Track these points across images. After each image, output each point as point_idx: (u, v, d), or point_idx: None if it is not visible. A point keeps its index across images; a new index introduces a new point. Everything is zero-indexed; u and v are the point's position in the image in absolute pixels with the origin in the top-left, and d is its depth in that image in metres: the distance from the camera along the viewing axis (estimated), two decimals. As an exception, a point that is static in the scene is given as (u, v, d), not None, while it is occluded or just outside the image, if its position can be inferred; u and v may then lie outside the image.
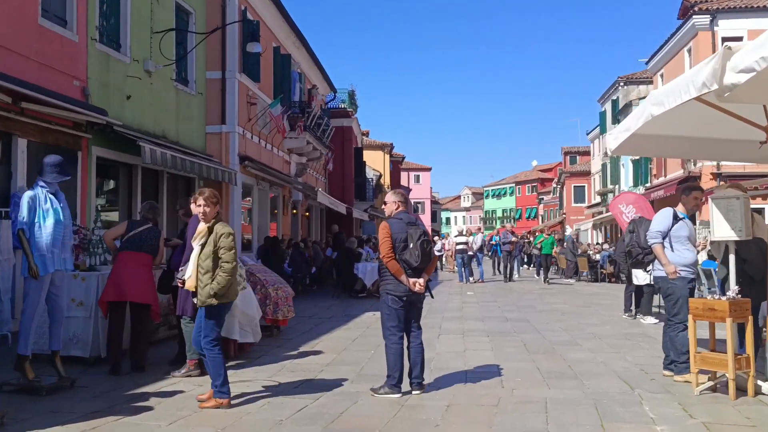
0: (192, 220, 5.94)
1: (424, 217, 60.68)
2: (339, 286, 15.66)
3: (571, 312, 12.16)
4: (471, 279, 20.09)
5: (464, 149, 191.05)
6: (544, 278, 20.82)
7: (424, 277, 5.66)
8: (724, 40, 21.95)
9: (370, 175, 34.65)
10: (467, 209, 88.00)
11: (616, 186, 35.16)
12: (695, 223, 6.57)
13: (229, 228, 5.27)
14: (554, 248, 22.35)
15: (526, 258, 28.70)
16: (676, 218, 6.22)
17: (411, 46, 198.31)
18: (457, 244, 20.42)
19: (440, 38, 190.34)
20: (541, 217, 63.98)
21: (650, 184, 29.08)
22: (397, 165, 47.30)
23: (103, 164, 10.66)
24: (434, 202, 77.83)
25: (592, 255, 22.82)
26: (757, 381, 5.47)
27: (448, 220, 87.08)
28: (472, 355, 7.52)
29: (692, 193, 6.26)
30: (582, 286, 19.30)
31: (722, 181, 20.68)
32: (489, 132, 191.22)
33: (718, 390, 5.58)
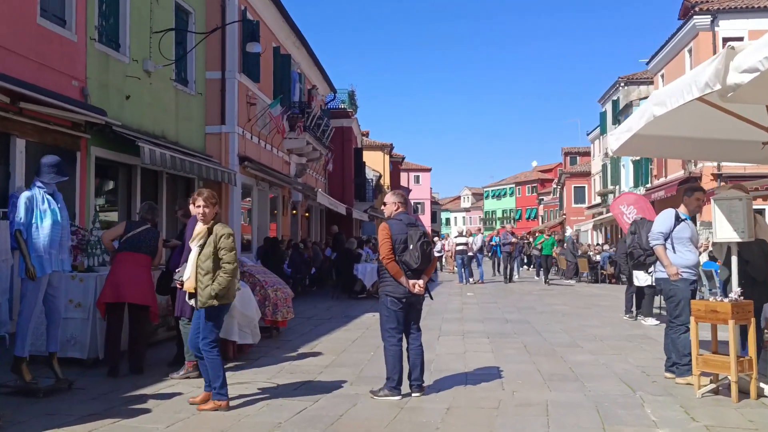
0: (190, 221, 5.90)
1: (423, 218, 60.64)
2: (338, 287, 15.62)
3: (571, 313, 12.12)
4: (471, 280, 20.05)
5: (464, 149, 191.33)
6: (545, 279, 20.78)
7: (424, 279, 5.62)
8: (725, 40, 21.92)
9: (369, 175, 34.63)
10: (467, 210, 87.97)
11: (617, 187, 35.14)
12: (695, 224, 6.52)
13: (229, 229, 5.26)
14: (554, 249, 22.33)
15: (526, 259, 28.66)
16: (678, 219, 6.18)
17: (411, 46, 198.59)
18: (457, 244, 20.38)
19: (440, 38, 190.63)
20: (541, 218, 63.94)
21: (651, 184, 29.06)
22: (396, 165, 47.27)
23: (102, 164, 10.62)
24: (434, 203, 77.79)
25: (593, 256, 22.79)
26: (759, 383, 5.42)
27: (447, 220, 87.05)
28: (473, 357, 7.48)
29: (694, 194, 6.23)
30: (582, 287, 19.26)
31: (723, 182, 20.65)
32: (489, 132, 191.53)
33: (720, 392, 5.54)
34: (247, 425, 4.77)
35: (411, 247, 5.49)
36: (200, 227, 5.22)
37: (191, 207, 5.36)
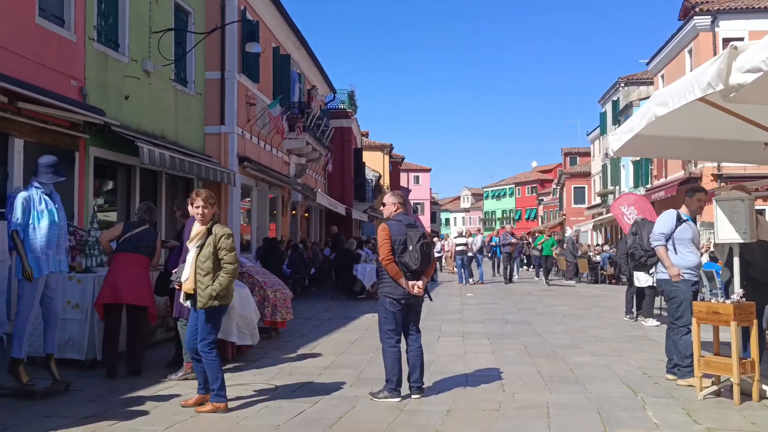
0: (188, 221, 5.86)
1: (423, 218, 60.64)
2: (338, 288, 15.59)
3: (571, 314, 12.08)
4: (471, 280, 20.02)
5: (464, 150, 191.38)
6: (546, 280, 20.73)
7: (423, 280, 5.58)
8: (725, 41, 21.90)
9: (369, 176, 34.60)
10: (467, 210, 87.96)
11: (617, 187, 35.12)
12: (696, 224, 6.49)
13: (228, 229, 5.25)
14: (554, 249, 22.29)
15: (526, 259, 28.64)
16: (680, 220, 6.15)
17: (411, 46, 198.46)
18: (457, 245, 20.35)
19: (440, 38, 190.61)
20: (540, 218, 63.92)
21: (651, 185, 29.04)
22: (396, 166, 47.23)
23: (100, 165, 10.58)
24: (434, 203, 77.78)
25: (593, 256, 22.76)
26: (761, 385, 5.39)
27: (447, 221, 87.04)
28: (473, 358, 7.45)
29: (696, 195, 6.20)
30: (582, 288, 19.23)
31: (723, 183, 20.63)
32: (489, 132, 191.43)
33: (722, 394, 5.50)
34: (245, 427, 4.73)
35: (410, 248, 5.45)
36: (199, 228, 5.18)
37: (189, 208, 5.32)
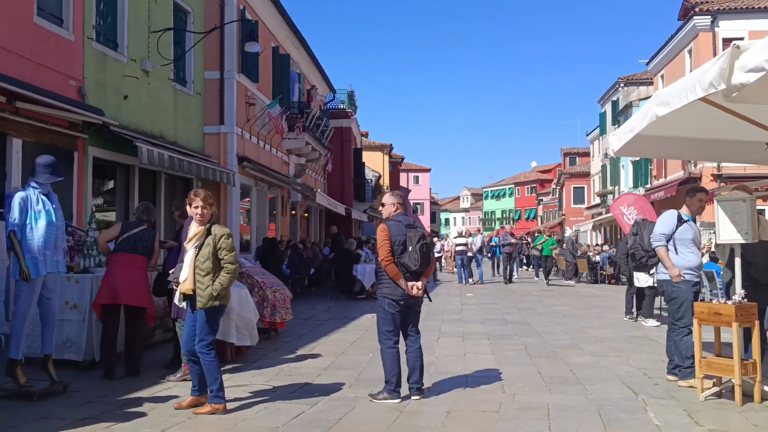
0: (186, 221, 5.83)
1: (423, 218, 60.59)
2: (337, 288, 15.55)
3: (571, 314, 12.06)
4: (470, 280, 19.99)
5: (464, 150, 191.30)
6: (546, 280, 20.70)
7: (423, 281, 5.55)
8: (725, 41, 21.89)
9: (369, 176, 34.58)
10: (466, 210, 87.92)
11: (616, 187, 35.09)
12: (696, 224, 6.46)
13: (227, 229, 5.25)
14: (553, 249, 22.26)
15: (525, 259, 28.61)
16: (681, 220, 6.12)
17: (411, 46, 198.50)
18: (457, 245, 20.32)
19: (440, 38, 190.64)
20: (540, 218, 63.89)
21: (650, 185, 29.01)
22: (396, 166, 47.21)
23: (99, 165, 10.55)
24: (433, 203, 77.73)
25: (592, 256, 22.73)
26: (763, 387, 5.36)
27: (447, 221, 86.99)
28: (473, 359, 7.42)
29: (697, 195, 6.17)
30: (582, 288, 19.20)
31: (723, 183, 20.60)
32: (488, 132, 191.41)
33: (724, 396, 5.48)
34: (244, 429, 4.70)
35: (410, 249, 5.42)
36: (197, 228, 5.15)
37: (188, 208, 5.29)
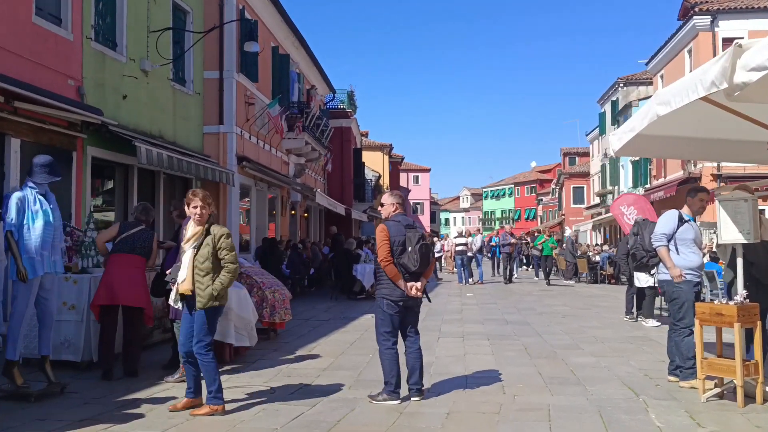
0: (184, 221, 5.80)
1: (423, 218, 60.57)
2: (337, 288, 15.52)
3: (571, 314, 12.03)
4: (470, 280, 19.96)
5: (463, 150, 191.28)
6: (546, 280, 20.67)
7: (422, 281, 5.52)
8: (725, 41, 21.88)
9: (369, 175, 34.54)
10: (466, 210, 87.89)
11: (616, 187, 35.06)
12: (697, 224, 6.44)
13: (226, 229, 5.23)
14: (553, 249, 22.23)
15: (525, 259, 28.59)
16: (682, 220, 6.09)
17: (411, 46, 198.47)
18: (457, 245, 20.29)
19: (440, 38, 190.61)
20: (540, 218, 63.87)
21: (650, 185, 28.98)
22: (396, 166, 47.18)
23: (98, 164, 10.51)
24: (433, 203, 77.70)
25: (592, 256, 22.70)
26: (765, 388, 5.32)
27: (447, 220, 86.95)
28: (473, 360, 7.39)
29: (698, 195, 6.14)
30: (582, 288, 19.18)
31: (723, 183, 20.57)
32: (488, 132, 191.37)
33: (726, 397, 5.44)
34: (242, 431, 4.66)
35: (410, 249, 5.38)
36: (195, 228, 5.12)
37: (186, 208, 5.25)
